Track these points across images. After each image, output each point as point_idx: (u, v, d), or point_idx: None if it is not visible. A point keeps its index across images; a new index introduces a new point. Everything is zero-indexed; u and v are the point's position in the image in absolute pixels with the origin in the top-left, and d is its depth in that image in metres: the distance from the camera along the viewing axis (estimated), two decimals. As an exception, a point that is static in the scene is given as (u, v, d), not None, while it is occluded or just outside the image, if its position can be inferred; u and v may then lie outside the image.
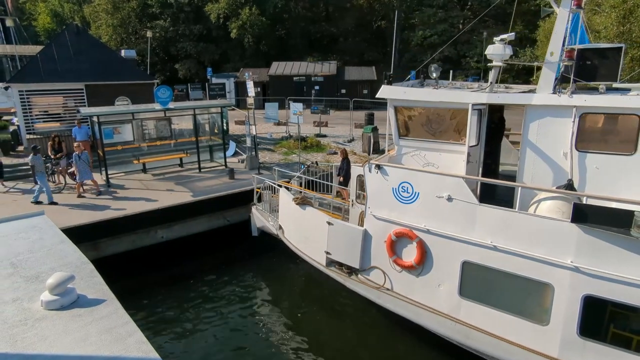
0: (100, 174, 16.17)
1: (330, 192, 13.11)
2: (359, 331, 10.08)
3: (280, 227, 11.67)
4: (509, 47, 8.41)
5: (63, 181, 15.56)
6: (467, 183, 7.71)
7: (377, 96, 9.38)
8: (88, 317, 4.52)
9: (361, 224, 9.38)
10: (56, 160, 15.72)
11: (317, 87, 40.48)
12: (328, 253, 9.78)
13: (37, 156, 13.47)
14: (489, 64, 8.63)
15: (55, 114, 20.38)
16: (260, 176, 13.89)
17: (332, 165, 14.92)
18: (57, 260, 5.89)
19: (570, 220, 6.49)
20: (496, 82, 8.73)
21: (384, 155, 10.02)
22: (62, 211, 12.96)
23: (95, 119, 15.94)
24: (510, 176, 8.76)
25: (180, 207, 13.68)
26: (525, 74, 37.25)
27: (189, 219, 13.79)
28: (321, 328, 10.47)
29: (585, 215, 6.36)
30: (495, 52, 8.35)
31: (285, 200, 11.16)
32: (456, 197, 7.65)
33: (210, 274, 12.76)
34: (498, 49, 8.32)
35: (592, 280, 6.43)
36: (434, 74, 9.34)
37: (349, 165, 12.03)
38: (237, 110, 29.51)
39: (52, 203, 13.48)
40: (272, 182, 12.45)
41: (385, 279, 8.90)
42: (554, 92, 7.74)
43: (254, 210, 13.31)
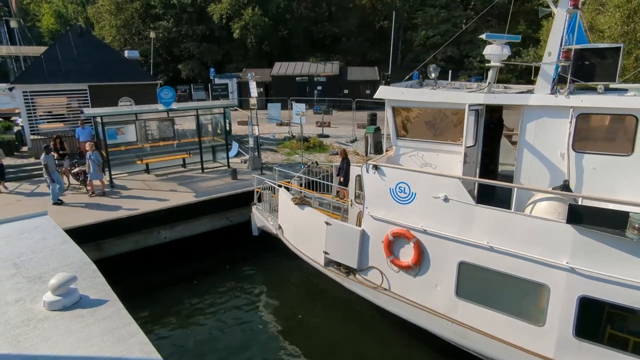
0: (103, 174, 16.26)
1: (331, 192, 13.14)
2: (358, 331, 10.11)
3: (279, 227, 11.70)
4: (507, 47, 8.38)
5: (67, 181, 15.67)
6: (465, 183, 7.70)
7: (374, 97, 9.40)
8: (90, 317, 4.52)
9: (359, 224, 9.37)
10: (59, 161, 15.83)
11: (319, 88, 40.43)
12: (326, 253, 9.81)
13: (49, 155, 13.65)
14: (487, 64, 8.65)
15: (59, 114, 20.51)
16: (261, 176, 13.92)
17: (333, 165, 14.92)
18: (60, 260, 5.89)
19: (565, 221, 6.46)
20: (494, 82, 8.74)
21: (382, 156, 10.04)
22: (65, 211, 13.07)
23: (98, 119, 16.05)
24: (509, 176, 8.72)
25: (183, 208, 13.75)
26: (528, 74, 37.01)
27: (192, 219, 13.86)
28: (321, 328, 10.53)
29: (581, 216, 6.33)
30: (492, 53, 8.35)
31: (285, 200, 11.19)
32: (453, 197, 7.65)
33: (213, 275, 12.81)
34: (496, 49, 8.31)
35: (587, 281, 6.41)
36: (432, 74, 9.37)
37: (348, 165, 12.05)
38: (239, 110, 29.55)
39: (57, 203, 13.63)
40: (272, 182, 12.47)
41: (383, 279, 8.90)
42: (552, 93, 7.72)
43: (254, 210, 13.36)
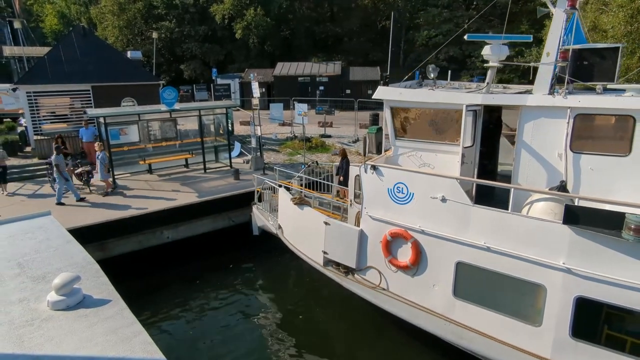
0: (110, 175, 16.40)
1: (331, 192, 13.18)
2: (357, 331, 10.17)
3: (279, 226, 11.73)
4: (505, 47, 8.38)
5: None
6: (462, 184, 7.70)
7: (373, 97, 9.41)
8: (94, 317, 4.54)
9: (358, 224, 9.37)
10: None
11: (321, 88, 40.47)
12: (325, 253, 9.82)
13: (59, 156, 13.80)
14: (485, 65, 8.64)
15: (62, 115, 20.65)
16: (262, 176, 13.95)
17: (333, 165, 14.92)
18: (64, 260, 5.92)
19: (562, 221, 6.44)
20: (492, 82, 8.75)
21: (380, 156, 10.05)
22: (69, 211, 13.17)
23: (101, 119, 16.17)
24: (509, 176, 8.67)
25: (186, 208, 13.82)
26: (531, 73, 36.87)
27: (194, 219, 13.92)
28: (320, 327, 10.61)
29: (577, 217, 6.31)
30: (490, 53, 8.34)
31: (284, 200, 11.20)
32: (450, 198, 7.64)
33: (216, 274, 12.87)
34: (494, 49, 8.31)
35: (583, 282, 6.39)
36: (431, 74, 9.41)
37: (348, 164, 12.07)
38: (242, 110, 29.59)
39: (60, 204, 13.74)
40: (272, 182, 12.47)
41: (381, 279, 8.91)
42: (550, 93, 7.72)
43: (254, 209, 13.39)
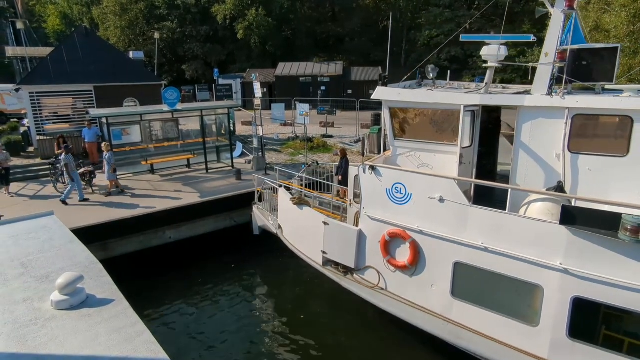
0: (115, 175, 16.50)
1: (331, 192, 13.22)
2: (356, 330, 10.21)
3: (279, 226, 11.77)
4: (503, 47, 8.37)
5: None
6: (460, 184, 7.72)
7: (371, 97, 9.42)
8: (97, 317, 4.53)
9: (357, 224, 9.41)
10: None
11: (323, 88, 40.40)
12: (324, 252, 9.87)
13: (69, 155, 13.95)
14: (484, 65, 8.64)
15: (65, 115, 20.77)
16: (263, 177, 13.98)
17: (334, 164, 14.95)
18: (67, 260, 5.93)
19: (559, 222, 6.47)
20: (491, 82, 8.77)
21: (379, 156, 10.07)
22: (72, 211, 13.26)
23: (104, 120, 16.26)
24: (508, 177, 8.69)
25: (188, 208, 13.90)
26: (532, 74, 36.76)
27: (196, 219, 13.99)
28: (320, 326, 10.65)
29: (574, 218, 6.33)
30: (489, 53, 8.35)
31: (284, 200, 11.23)
32: (448, 198, 7.67)
33: (218, 274, 12.94)
34: (492, 49, 8.31)
35: (581, 282, 6.42)
36: (430, 74, 9.44)
37: (347, 164, 12.09)
38: (243, 111, 29.65)
39: (64, 203, 13.84)
40: (272, 182, 12.50)
41: (380, 278, 8.94)
42: (549, 93, 7.75)
43: (255, 209, 13.43)
